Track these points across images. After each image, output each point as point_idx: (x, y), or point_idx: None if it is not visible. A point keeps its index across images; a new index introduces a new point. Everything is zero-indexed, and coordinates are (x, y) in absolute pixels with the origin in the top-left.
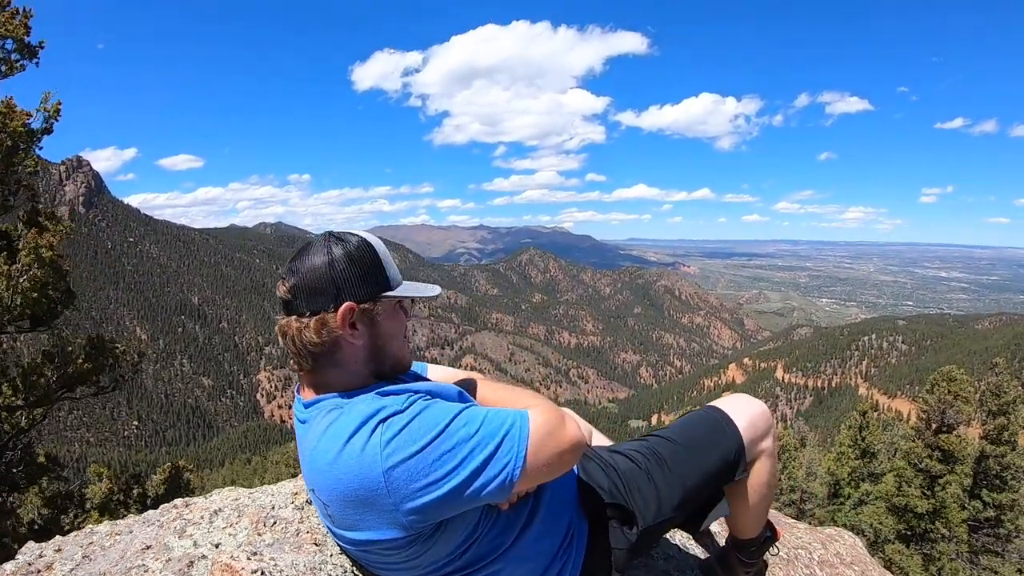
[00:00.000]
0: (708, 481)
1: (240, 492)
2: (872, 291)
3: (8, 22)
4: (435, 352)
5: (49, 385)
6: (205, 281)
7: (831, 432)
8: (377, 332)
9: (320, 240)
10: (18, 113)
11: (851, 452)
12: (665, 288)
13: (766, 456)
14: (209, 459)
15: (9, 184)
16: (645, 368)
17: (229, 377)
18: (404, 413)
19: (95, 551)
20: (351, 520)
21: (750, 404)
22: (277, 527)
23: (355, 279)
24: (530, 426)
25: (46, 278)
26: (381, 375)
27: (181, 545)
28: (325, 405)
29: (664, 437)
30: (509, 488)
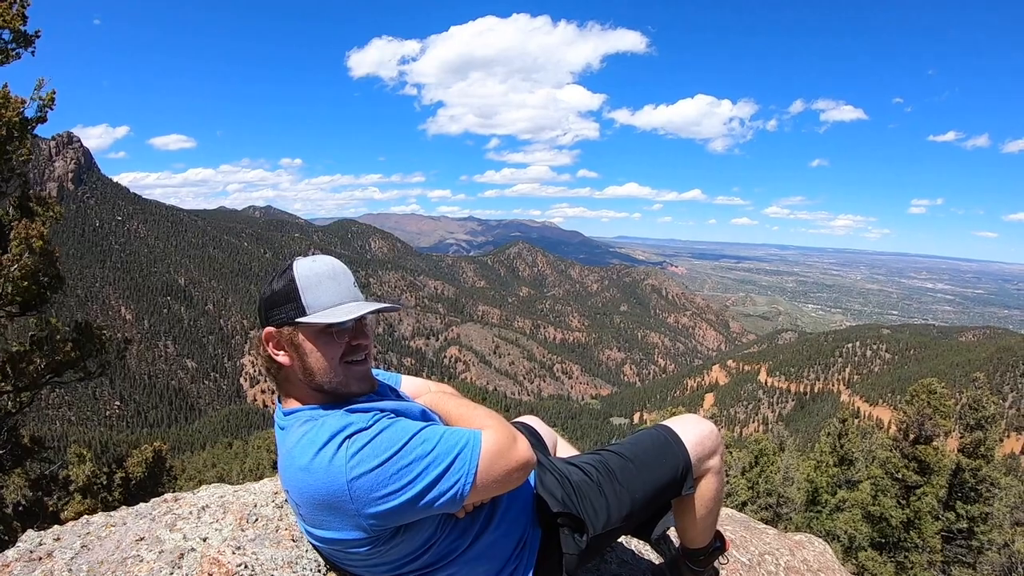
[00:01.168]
0: (656, 495)
1: (225, 489)
2: (858, 299)
3: (6, 12)
4: (420, 342)
5: (38, 371)
6: (192, 262)
7: (811, 437)
8: (302, 355)
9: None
10: (13, 101)
11: (830, 459)
12: (652, 287)
13: (712, 473)
14: (191, 441)
15: (2, 172)
16: (629, 366)
17: (213, 360)
18: (369, 430)
19: (92, 541)
20: (319, 520)
21: (699, 424)
22: (259, 524)
23: (274, 305)
24: (482, 446)
25: (37, 266)
26: (325, 394)
27: (172, 538)
28: (301, 416)
29: (616, 452)
30: (460, 501)
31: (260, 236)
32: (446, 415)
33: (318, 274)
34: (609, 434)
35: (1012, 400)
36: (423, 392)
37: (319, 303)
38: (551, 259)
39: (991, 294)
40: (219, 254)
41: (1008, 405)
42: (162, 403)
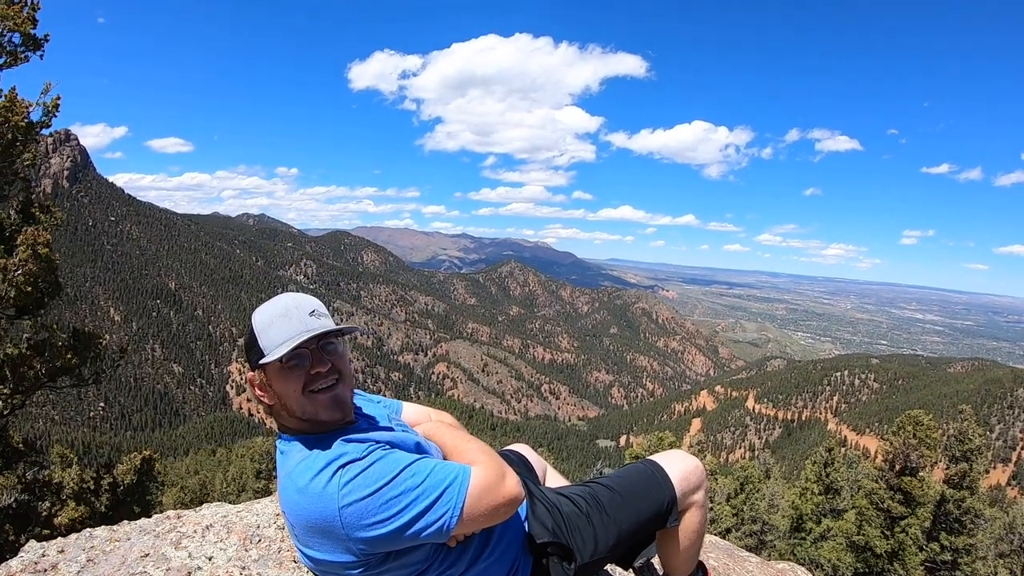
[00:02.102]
0: (641, 526)
1: (228, 508)
2: (848, 328)
3: (16, 15)
4: (408, 357)
5: (37, 377)
6: (183, 267)
7: (798, 465)
8: (276, 393)
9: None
10: (20, 106)
11: (815, 487)
12: (643, 310)
13: (696, 507)
14: (174, 447)
15: (6, 176)
16: (617, 388)
17: (200, 366)
18: (362, 460)
19: (97, 555)
20: (311, 542)
21: (685, 460)
22: (262, 544)
23: (247, 352)
24: (471, 481)
25: (40, 273)
26: (310, 423)
27: (178, 556)
28: (298, 442)
29: (605, 485)
30: (446, 533)
31: (253, 244)
32: (442, 446)
33: (271, 315)
34: (595, 456)
35: (999, 431)
36: (423, 420)
37: (272, 343)
38: (543, 279)
39: (980, 326)
40: (211, 260)
41: (995, 436)
42: (147, 407)
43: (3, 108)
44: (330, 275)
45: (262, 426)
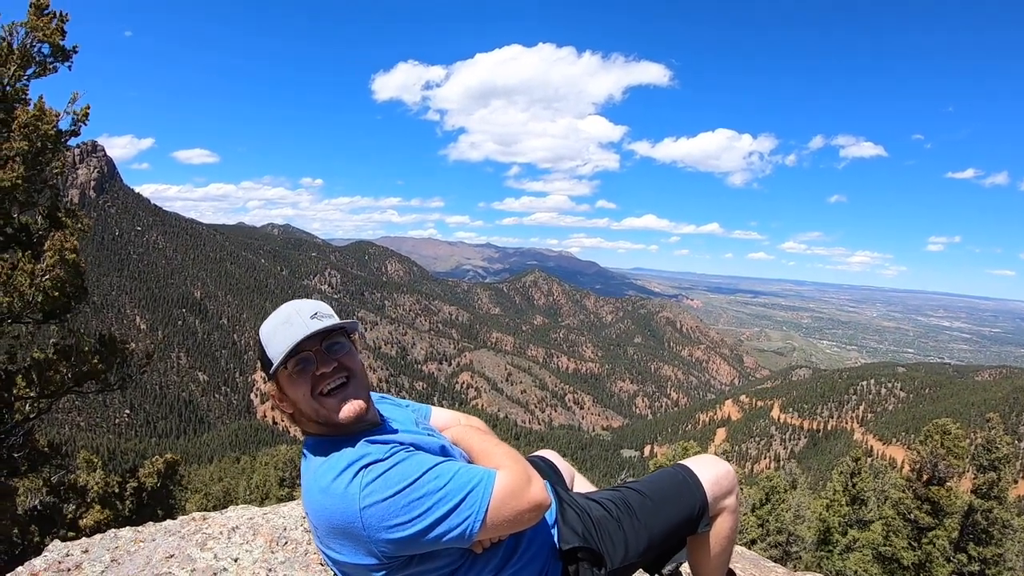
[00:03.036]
0: (672, 532)
1: (254, 511)
2: (874, 336)
3: (46, 26)
4: (432, 367)
5: (63, 381)
6: (209, 276)
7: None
8: (292, 401)
9: None
10: (48, 114)
11: (842, 498)
12: (667, 320)
13: (728, 512)
14: (198, 454)
15: (36, 183)
16: (641, 398)
17: (225, 374)
18: (384, 462)
19: (122, 555)
20: (333, 543)
21: (716, 464)
22: (288, 547)
23: (262, 367)
24: (495, 486)
25: (68, 278)
26: (329, 427)
27: (203, 557)
28: (322, 445)
29: (635, 489)
30: (469, 538)
31: (278, 254)
32: (468, 450)
33: (273, 325)
34: (619, 466)
35: None
36: (452, 424)
37: (276, 352)
38: (566, 289)
39: (1008, 333)
40: (236, 269)
41: None
42: (172, 414)
43: (32, 117)
44: (354, 285)
45: (286, 434)
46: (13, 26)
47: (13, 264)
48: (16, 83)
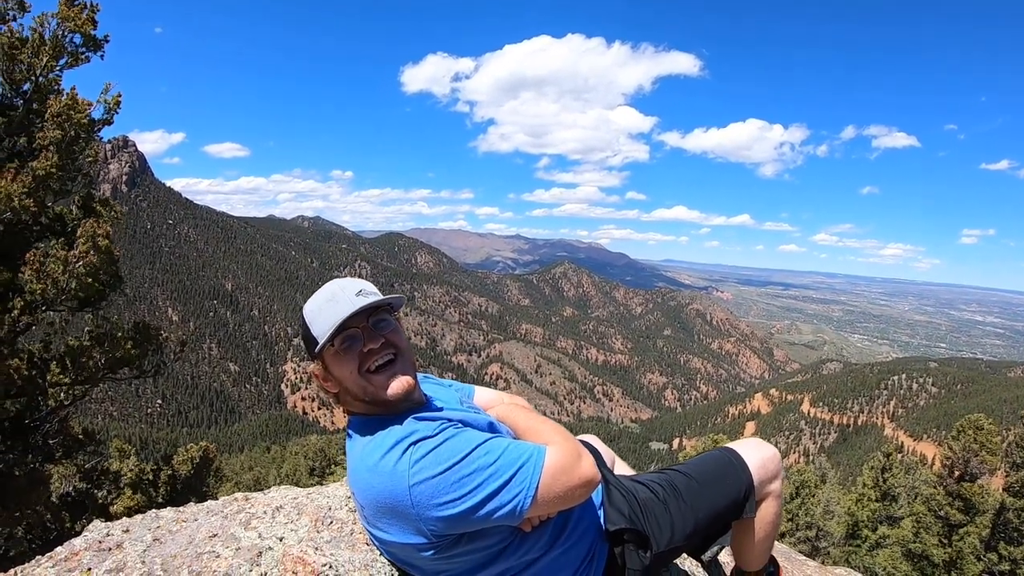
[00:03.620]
0: (718, 515)
1: (298, 491)
2: (905, 330)
3: (77, 16)
4: (462, 358)
5: (97, 367)
6: (240, 268)
7: (853, 470)
8: (338, 380)
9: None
10: (81, 104)
11: (872, 493)
12: (697, 312)
13: (773, 497)
14: (229, 444)
15: (69, 172)
16: (671, 391)
17: (256, 365)
18: (434, 438)
19: (164, 535)
20: (381, 523)
21: (761, 448)
22: (334, 526)
23: (305, 346)
24: (546, 461)
25: (101, 264)
26: (376, 405)
27: (247, 536)
28: (369, 424)
29: (681, 472)
30: (520, 515)
31: (308, 246)
32: (515, 428)
33: (318, 303)
34: (648, 459)
35: None
36: (495, 404)
37: (322, 330)
38: (596, 280)
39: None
40: (267, 261)
41: None
42: (203, 404)
43: (65, 107)
44: (384, 276)
45: (316, 424)
46: (44, 17)
47: (47, 252)
48: (49, 73)
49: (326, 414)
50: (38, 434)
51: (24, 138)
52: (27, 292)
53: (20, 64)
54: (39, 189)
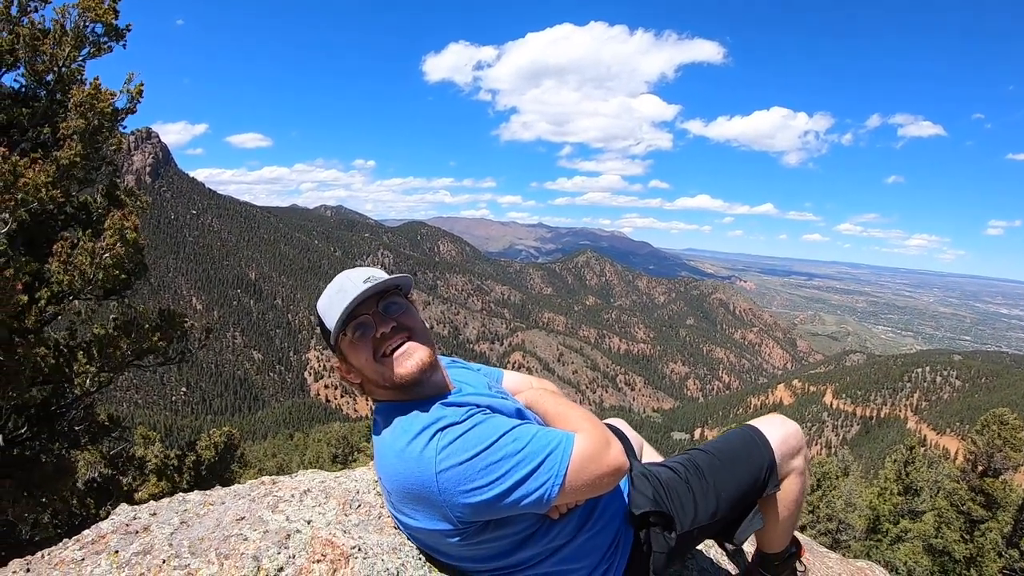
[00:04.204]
0: (742, 492)
1: (325, 475)
2: (930, 322)
3: (98, 6)
4: (484, 347)
5: (123, 355)
6: (263, 257)
7: (875, 463)
8: (358, 369)
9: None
10: (104, 94)
11: (895, 487)
12: (720, 301)
13: (796, 474)
14: (252, 431)
15: (94, 160)
16: (693, 380)
17: (279, 353)
18: (461, 424)
19: (191, 518)
20: (407, 509)
21: (784, 424)
22: (361, 509)
23: (324, 340)
24: (574, 449)
25: (127, 255)
26: (398, 390)
27: (275, 519)
28: (395, 410)
29: (703, 450)
30: (547, 503)
31: (331, 235)
32: (544, 414)
33: (329, 296)
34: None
35: None
36: (524, 388)
37: (334, 321)
38: (619, 269)
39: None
40: (290, 251)
41: None
42: (227, 392)
43: (88, 96)
44: (407, 265)
45: (339, 412)
46: (66, 8)
47: (73, 242)
48: (71, 64)
49: (349, 402)
50: (64, 421)
51: (48, 128)
52: (54, 282)
53: (43, 55)
54: (64, 178)
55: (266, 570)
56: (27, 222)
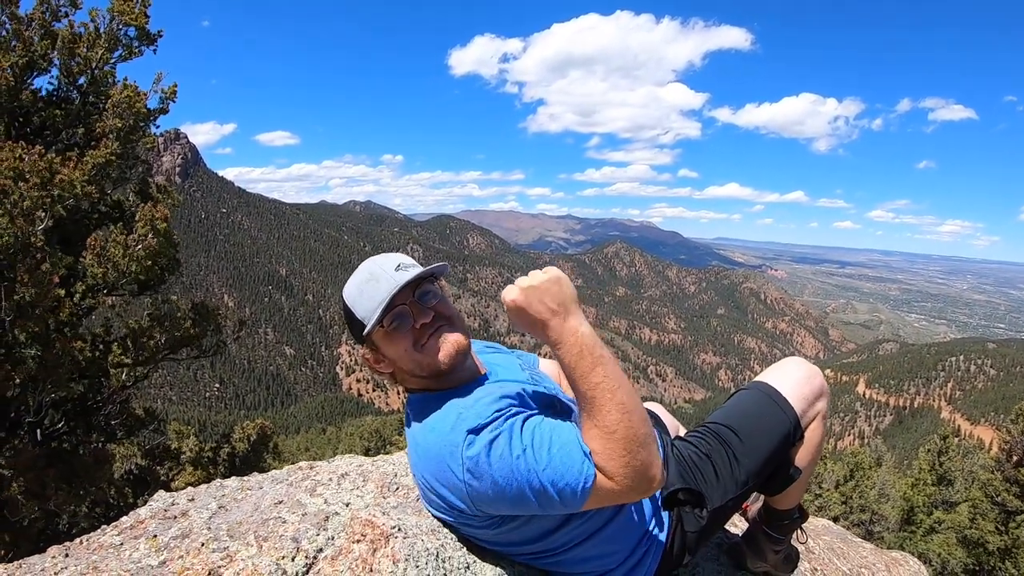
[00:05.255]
0: (767, 459)
1: (363, 459)
2: (963, 310)
3: (130, 11)
4: (515, 339)
5: (158, 347)
6: (293, 254)
7: (908, 454)
8: (392, 360)
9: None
10: (139, 95)
11: (928, 477)
12: (751, 291)
13: (818, 419)
14: (285, 425)
15: (128, 159)
16: (725, 371)
17: (311, 348)
18: (491, 420)
19: (229, 502)
20: (439, 499)
21: (797, 368)
22: (400, 492)
23: (351, 330)
24: (595, 483)
25: (159, 248)
26: (433, 379)
27: (313, 502)
28: (428, 401)
29: (723, 423)
30: (581, 499)
31: (360, 230)
32: (581, 400)
33: (358, 284)
34: None
35: None
36: (556, 375)
37: (367, 311)
38: (649, 259)
39: None
40: (320, 246)
41: None
42: (260, 387)
43: (125, 96)
44: (436, 258)
45: (371, 406)
46: (98, 12)
47: (107, 236)
48: (104, 66)
49: (381, 395)
50: (100, 415)
51: (81, 129)
52: (89, 276)
53: (77, 58)
54: (99, 176)
55: (305, 551)
56: (63, 219)
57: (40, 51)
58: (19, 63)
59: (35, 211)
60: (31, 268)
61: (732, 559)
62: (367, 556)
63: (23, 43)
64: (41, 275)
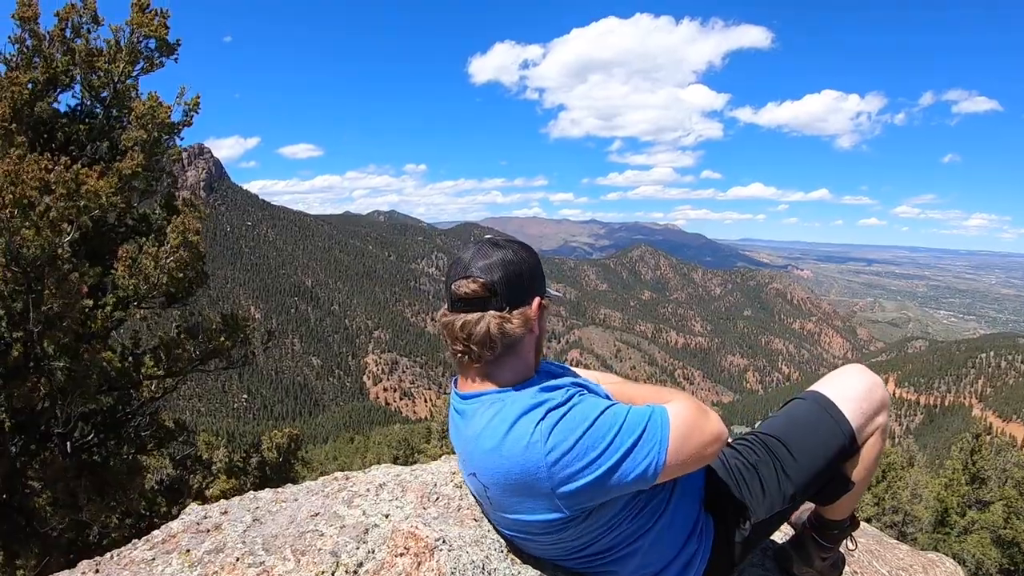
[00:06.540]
0: (819, 475)
1: (401, 469)
2: (993, 305)
3: (150, 22)
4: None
5: (190, 358)
6: (319, 265)
7: (940, 453)
8: (543, 326)
9: (491, 243)
10: (163, 107)
11: (962, 476)
12: (777, 291)
13: (877, 434)
14: (313, 435)
15: (154, 171)
16: (752, 373)
17: (338, 358)
18: (563, 406)
19: (264, 515)
20: (509, 502)
21: (859, 378)
22: (440, 502)
23: (538, 278)
24: (672, 419)
25: (190, 260)
26: (517, 372)
27: (351, 514)
28: (487, 399)
29: (774, 436)
30: (654, 475)
31: (384, 240)
32: (630, 398)
33: (536, 255)
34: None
35: None
36: (598, 381)
37: (543, 285)
38: (673, 262)
39: None
40: (345, 257)
41: None
42: (287, 398)
43: (150, 108)
44: None
45: (398, 414)
46: (119, 27)
47: (139, 247)
48: (126, 79)
49: (407, 404)
50: (130, 427)
51: (106, 143)
52: (119, 288)
53: (98, 72)
54: (126, 188)
55: (345, 565)
56: (89, 232)
57: (62, 67)
58: (40, 79)
59: (61, 222)
60: (59, 279)
61: (778, 563)
62: (411, 570)
63: (44, 60)
64: (69, 286)
